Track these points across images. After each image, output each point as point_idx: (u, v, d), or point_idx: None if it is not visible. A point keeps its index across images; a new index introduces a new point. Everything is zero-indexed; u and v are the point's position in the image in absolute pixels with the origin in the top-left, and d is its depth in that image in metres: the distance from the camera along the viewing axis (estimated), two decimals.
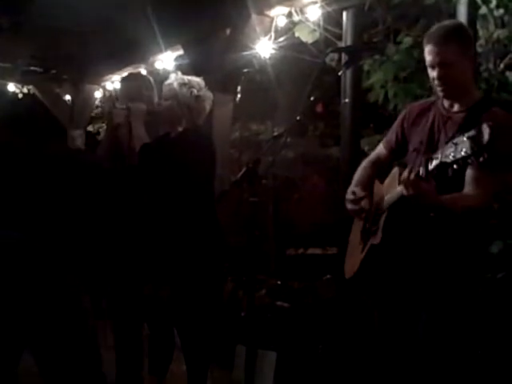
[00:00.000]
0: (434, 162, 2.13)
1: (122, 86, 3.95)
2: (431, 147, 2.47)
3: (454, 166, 2.04)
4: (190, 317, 3.25)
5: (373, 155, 2.85)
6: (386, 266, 2.57)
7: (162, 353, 3.36)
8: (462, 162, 2.00)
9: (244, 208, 5.06)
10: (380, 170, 2.81)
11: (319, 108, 5.56)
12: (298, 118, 2.73)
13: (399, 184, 2.38)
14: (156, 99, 3.74)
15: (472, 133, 1.96)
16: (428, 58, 2.46)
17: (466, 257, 2.46)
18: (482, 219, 2.47)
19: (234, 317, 4.24)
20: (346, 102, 4.27)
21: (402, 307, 2.57)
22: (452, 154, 2.01)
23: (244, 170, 2.52)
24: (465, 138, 1.97)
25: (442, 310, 2.43)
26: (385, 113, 4.74)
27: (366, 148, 4.61)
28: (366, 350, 3.72)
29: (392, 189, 2.49)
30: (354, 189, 2.71)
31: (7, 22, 5.99)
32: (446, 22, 2.56)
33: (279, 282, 4.89)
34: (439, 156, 2.10)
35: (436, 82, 2.47)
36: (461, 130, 2.35)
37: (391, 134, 2.76)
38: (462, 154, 1.97)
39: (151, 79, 4.00)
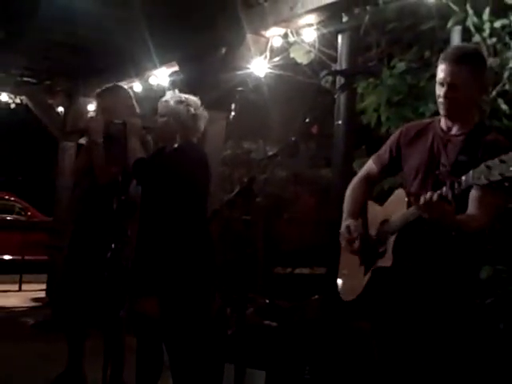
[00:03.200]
0: (464, 185, 2.14)
1: (102, 99, 3.95)
2: (431, 169, 2.49)
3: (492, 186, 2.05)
4: (178, 332, 3.24)
5: (363, 172, 2.85)
6: (396, 287, 2.55)
7: (150, 369, 3.34)
8: (496, 184, 2.03)
9: (235, 225, 5.07)
10: (371, 187, 2.82)
11: (314, 129, 5.59)
12: (292, 138, 2.74)
13: (410, 205, 2.38)
14: (138, 110, 3.78)
15: (507, 157, 1.99)
16: (440, 75, 2.48)
17: (467, 280, 2.48)
18: (480, 242, 2.50)
19: (222, 334, 4.22)
20: (339, 124, 4.30)
21: (403, 332, 2.55)
22: (484, 177, 2.03)
23: (238, 188, 2.52)
24: (498, 162, 2.00)
25: (443, 337, 2.44)
26: (377, 136, 4.78)
27: (357, 169, 4.63)
28: (353, 373, 3.71)
29: (398, 210, 2.48)
30: (347, 222, 2.68)
31: (2, 33, 6.00)
32: (465, 44, 2.59)
33: (267, 301, 4.88)
34: (469, 179, 2.11)
35: (441, 99, 2.48)
36: (462, 153, 2.39)
37: (384, 151, 2.75)
38: (498, 176, 1.99)
39: (130, 91, 4.04)
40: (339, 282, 2.85)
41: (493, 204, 2.35)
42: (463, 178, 2.15)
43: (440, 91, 2.48)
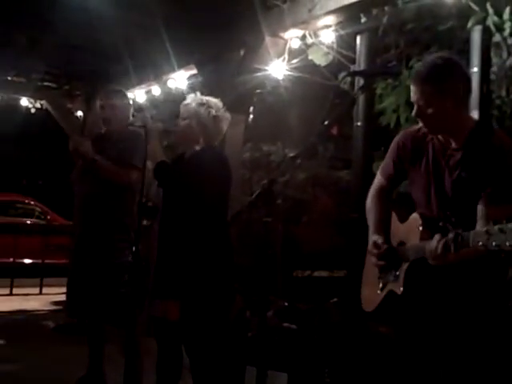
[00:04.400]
0: (462, 245, 2.12)
1: (109, 97, 4.02)
2: (439, 187, 2.46)
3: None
4: (198, 335, 3.24)
5: (376, 187, 2.81)
6: (406, 315, 2.57)
7: (170, 371, 3.34)
8: (495, 254, 2.01)
9: (255, 228, 5.07)
10: (388, 197, 2.79)
11: (334, 130, 5.58)
12: (311, 140, 2.73)
13: (421, 239, 2.38)
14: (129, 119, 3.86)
15: (505, 227, 1.95)
16: (411, 94, 2.46)
17: (491, 306, 2.46)
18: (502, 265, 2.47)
19: (242, 337, 4.22)
20: (358, 125, 4.29)
21: (425, 339, 2.54)
22: (483, 244, 2.00)
23: (259, 190, 2.52)
24: (498, 230, 1.96)
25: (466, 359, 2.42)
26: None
27: (377, 171, 4.61)
28: (372, 377, 3.70)
29: (412, 237, 2.48)
30: (375, 238, 2.64)
31: (23, 38, 6.07)
32: (431, 60, 2.44)
33: (286, 304, 4.87)
34: (470, 242, 2.09)
35: (417, 118, 2.47)
36: (463, 169, 2.37)
37: (387, 164, 2.72)
38: (494, 247, 1.96)
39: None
40: (362, 287, 2.84)
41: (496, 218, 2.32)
42: (466, 235, 2.12)
43: (414, 111, 2.46)
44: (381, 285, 2.63)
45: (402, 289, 2.46)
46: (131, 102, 4.24)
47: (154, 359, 3.39)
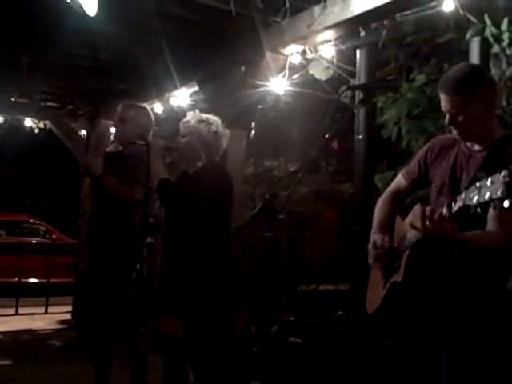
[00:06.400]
0: (458, 204, 2.13)
1: (127, 110, 4.02)
2: (454, 186, 2.49)
3: (478, 209, 2.04)
4: (203, 351, 3.23)
5: (393, 186, 2.86)
6: (408, 303, 2.57)
7: None
8: (485, 206, 2.00)
9: (258, 243, 5.08)
10: (399, 201, 2.82)
11: (335, 145, 5.60)
12: (313, 154, 2.74)
13: (422, 223, 2.39)
14: (149, 138, 3.87)
15: (495, 177, 1.96)
16: (441, 103, 2.51)
17: (489, 293, 2.46)
18: (505, 256, 2.47)
19: (247, 352, 4.21)
20: (359, 138, 4.31)
21: (422, 346, 2.55)
22: (476, 198, 2.01)
23: (261, 204, 2.53)
24: (488, 183, 1.97)
25: (465, 348, 2.42)
26: (398, 149, 4.77)
27: (379, 184, 4.62)
28: None
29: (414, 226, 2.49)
30: (374, 238, 2.69)
31: (25, 59, 6.11)
32: (458, 69, 2.51)
33: (292, 318, 4.86)
34: (463, 198, 2.10)
35: (450, 126, 2.51)
36: (482, 169, 2.38)
37: (413, 166, 2.77)
38: (486, 198, 1.96)
39: (153, 119, 4.12)
40: (367, 293, 2.85)
41: (509, 222, 2.33)
42: (458, 197, 2.14)
43: (446, 118, 2.50)
44: (383, 283, 2.65)
45: (402, 277, 2.46)
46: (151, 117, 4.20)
47: (160, 376, 3.39)
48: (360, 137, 4.29)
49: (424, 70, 4.66)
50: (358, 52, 4.44)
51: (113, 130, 4.06)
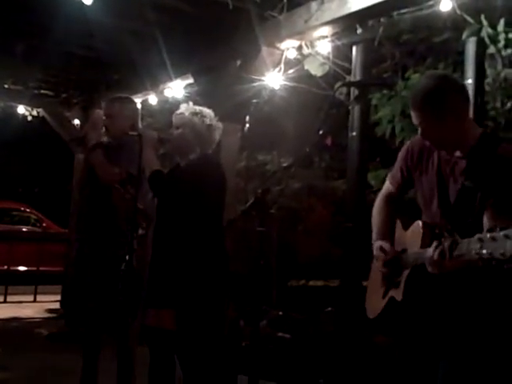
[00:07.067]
0: (459, 251, 2.13)
1: (110, 105, 4.00)
2: (443, 194, 2.49)
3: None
4: (192, 344, 3.23)
5: (384, 192, 2.85)
6: (407, 321, 2.59)
7: (162, 380, 3.33)
8: (487, 262, 2.00)
9: (248, 237, 5.08)
10: (395, 205, 2.81)
11: (328, 141, 5.59)
12: (307, 150, 2.74)
13: (421, 246, 2.39)
14: (138, 128, 3.84)
15: (497, 235, 1.95)
16: (412, 118, 2.49)
17: (488, 317, 2.45)
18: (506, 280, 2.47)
19: (235, 346, 4.22)
20: (353, 135, 4.29)
21: (422, 358, 2.56)
22: (476, 252, 2.00)
23: (253, 199, 2.53)
24: (490, 238, 1.96)
25: (460, 371, 2.42)
26: (392, 147, 4.78)
27: (372, 182, 4.63)
28: None
29: (415, 244, 2.49)
30: (381, 243, 2.66)
31: (20, 46, 6.08)
32: (426, 84, 2.45)
33: (281, 313, 4.88)
34: (464, 249, 2.10)
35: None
36: (467, 178, 2.38)
37: (396, 172, 2.76)
38: (486, 255, 1.96)
39: (139, 109, 4.09)
40: (367, 294, 2.85)
41: None
42: (460, 244, 2.13)
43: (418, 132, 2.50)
44: (383, 291, 2.65)
45: (401, 296, 2.48)
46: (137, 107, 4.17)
47: (147, 368, 3.39)
48: (354, 134, 4.27)
49: (419, 69, 4.67)
50: (354, 49, 4.43)
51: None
